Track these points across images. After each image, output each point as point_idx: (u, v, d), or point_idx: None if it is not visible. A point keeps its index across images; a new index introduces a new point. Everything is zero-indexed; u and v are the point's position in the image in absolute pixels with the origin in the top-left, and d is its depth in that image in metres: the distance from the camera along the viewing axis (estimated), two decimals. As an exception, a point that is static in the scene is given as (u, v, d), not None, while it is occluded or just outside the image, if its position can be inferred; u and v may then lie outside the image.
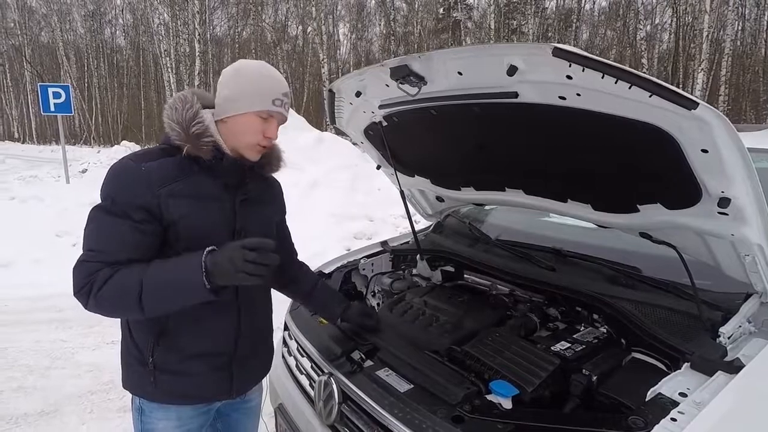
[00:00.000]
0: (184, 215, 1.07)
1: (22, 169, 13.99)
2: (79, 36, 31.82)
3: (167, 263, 1.03)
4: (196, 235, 1.08)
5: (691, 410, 0.97)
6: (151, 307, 1.00)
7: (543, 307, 1.66)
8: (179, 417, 1.18)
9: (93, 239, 1.04)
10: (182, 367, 1.13)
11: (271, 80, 1.13)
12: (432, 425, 1.07)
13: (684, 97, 0.87)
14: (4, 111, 36.57)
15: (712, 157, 0.97)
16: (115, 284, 0.99)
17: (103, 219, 1.04)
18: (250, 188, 1.20)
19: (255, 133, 1.12)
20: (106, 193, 1.06)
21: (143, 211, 1.04)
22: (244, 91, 1.11)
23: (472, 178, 1.88)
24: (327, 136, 8.91)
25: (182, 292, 1.00)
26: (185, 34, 20.34)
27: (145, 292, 0.98)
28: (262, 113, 1.12)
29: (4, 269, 4.78)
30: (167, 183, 1.06)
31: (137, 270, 1.01)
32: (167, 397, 1.16)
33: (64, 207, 5.88)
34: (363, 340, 1.48)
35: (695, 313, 1.31)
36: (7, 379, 2.80)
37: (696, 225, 1.21)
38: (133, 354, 1.15)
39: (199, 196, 1.10)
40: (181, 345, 1.12)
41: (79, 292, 1.01)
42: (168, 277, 1.00)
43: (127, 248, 1.03)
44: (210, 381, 1.18)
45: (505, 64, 1.08)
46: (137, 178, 1.05)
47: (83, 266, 1.02)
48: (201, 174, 1.11)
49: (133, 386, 1.19)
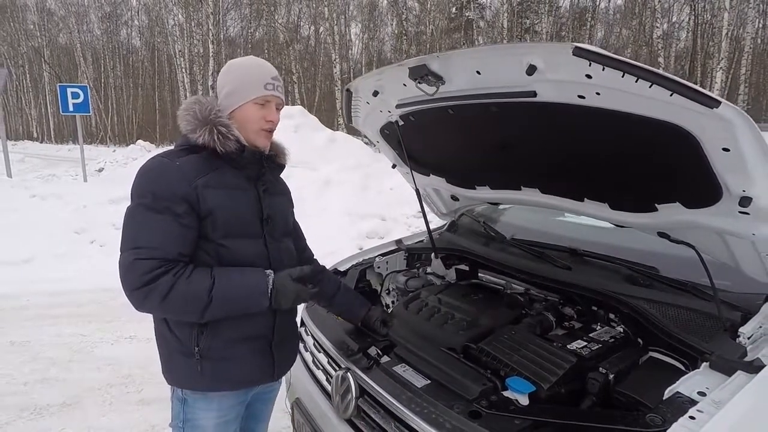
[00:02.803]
0: (220, 205, 1.13)
1: (41, 168, 14.32)
2: (96, 37, 32.38)
3: (232, 280, 1.11)
4: (232, 223, 1.16)
5: (710, 409, 0.97)
6: (211, 316, 1.11)
7: (559, 306, 1.66)
8: (220, 407, 1.23)
9: (139, 236, 1.07)
10: (228, 353, 1.18)
11: (259, 68, 1.22)
12: (449, 420, 1.08)
13: (706, 95, 0.87)
14: (24, 111, 37.36)
15: (734, 156, 0.96)
16: (182, 294, 1.06)
17: (145, 215, 1.08)
18: (267, 179, 1.28)
19: (257, 119, 1.21)
20: (143, 190, 1.10)
21: (184, 203, 1.09)
22: (238, 83, 1.20)
23: (488, 177, 1.88)
24: (339, 136, 8.96)
25: (246, 309, 1.14)
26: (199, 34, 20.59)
27: (212, 306, 1.08)
28: (258, 99, 1.20)
29: (26, 265, 4.90)
30: (201, 174, 1.12)
31: (200, 280, 1.07)
32: (215, 384, 1.19)
33: (83, 205, 6.00)
34: (379, 335, 1.50)
35: (714, 313, 1.30)
36: (31, 371, 2.87)
37: (716, 224, 1.21)
38: (174, 347, 1.18)
39: (229, 186, 1.17)
40: (225, 331, 1.17)
41: (136, 290, 1.04)
42: (235, 296, 1.11)
43: (175, 242, 1.08)
44: (254, 364, 1.23)
45: (525, 63, 1.09)
46: (173, 171, 1.10)
47: (136, 264, 1.04)
48: (225, 168, 1.18)
49: (179, 379, 1.21)
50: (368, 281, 2.14)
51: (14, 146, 28.96)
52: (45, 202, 6.21)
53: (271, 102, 1.22)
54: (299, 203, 1.46)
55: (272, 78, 1.22)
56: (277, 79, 1.23)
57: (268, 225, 1.24)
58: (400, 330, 1.55)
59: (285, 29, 24.10)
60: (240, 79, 1.20)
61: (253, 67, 1.23)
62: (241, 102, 1.20)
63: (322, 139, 8.71)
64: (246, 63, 1.24)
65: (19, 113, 38.24)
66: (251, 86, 1.20)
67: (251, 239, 1.21)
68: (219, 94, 1.22)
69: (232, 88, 1.20)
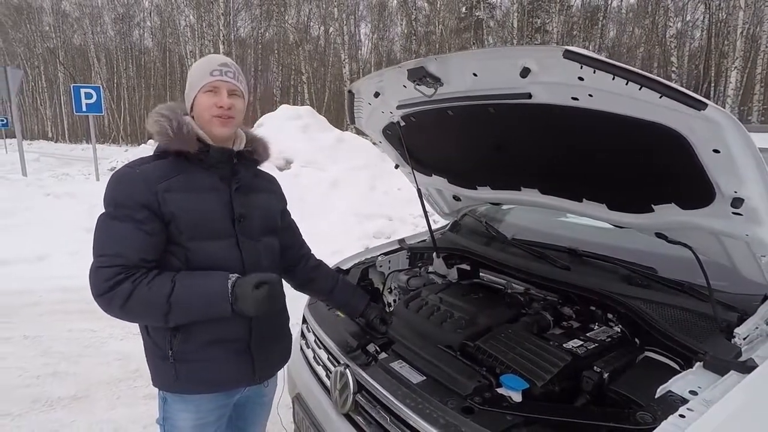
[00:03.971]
0: (183, 208, 1.13)
1: (55, 167, 14.59)
2: (109, 38, 32.90)
3: (192, 286, 1.10)
4: (197, 225, 1.15)
5: (700, 407, 0.98)
6: (174, 321, 1.11)
7: (557, 305, 1.67)
8: (197, 410, 1.23)
9: (102, 244, 1.10)
10: (201, 355, 1.18)
11: (208, 60, 1.24)
12: (443, 415, 1.10)
13: (693, 98, 0.88)
14: (39, 111, 38.06)
15: (724, 158, 0.97)
16: (142, 300, 1.07)
17: (108, 224, 1.11)
18: (241, 176, 1.26)
19: (209, 107, 1.20)
20: (108, 199, 1.13)
21: (144, 210, 1.10)
22: (191, 78, 1.24)
23: (488, 178, 1.90)
24: (347, 136, 8.99)
25: (208, 314, 1.13)
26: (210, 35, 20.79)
27: (173, 312, 1.08)
28: (206, 87, 1.20)
29: (41, 262, 5.01)
30: (162, 180, 1.13)
31: (160, 286, 1.08)
32: (190, 386, 1.20)
33: (94, 203, 6.11)
34: (378, 333, 1.53)
35: (711, 314, 1.31)
36: (43, 365, 2.95)
37: (711, 225, 1.22)
38: (152, 350, 1.20)
39: (195, 189, 1.17)
40: (198, 334, 1.17)
41: (100, 296, 1.07)
42: (195, 302, 1.10)
43: (135, 249, 1.09)
44: (231, 365, 1.22)
45: (519, 65, 1.11)
46: (134, 179, 1.12)
47: (99, 272, 1.07)
48: (195, 169, 1.19)
49: (159, 381, 1.23)
50: (370, 280, 2.17)
51: (30, 146, 29.55)
52: (59, 201, 6.34)
53: (221, 87, 1.20)
54: (306, 203, 1.50)
55: (219, 65, 1.21)
56: (226, 65, 1.22)
57: (240, 224, 1.21)
58: (399, 328, 1.58)
59: (295, 30, 24.25)
60: (192, 75, 1.24)
61: (203, 61, 1.26)
62: (193, 94, 1.22)
63: (331, 139, 8.74)
64: (201, 59, 1.28)
65: (34, 113, 38.98)
66: (199, 77, 1.21)
67: (220, 240, 1.19)
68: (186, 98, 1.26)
69: (188, 83, 1.24)
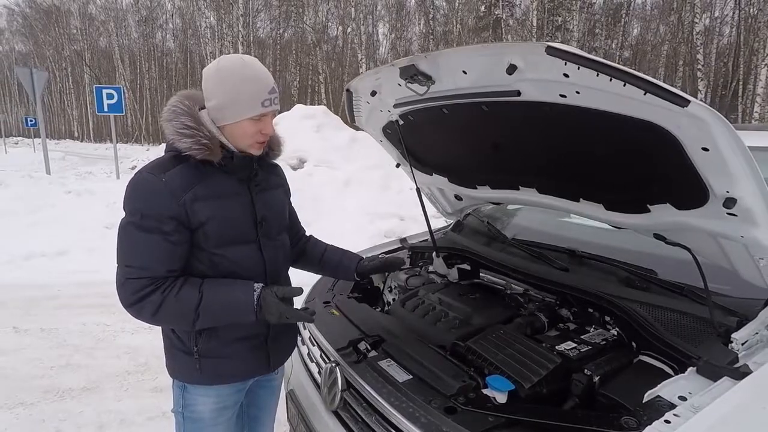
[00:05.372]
0: (211, 216, 1.14)
1: (79, 165, 15.03)
2: (133, 40, 33.73)
3: (219, 296, 1.13)
4: (224, 232, 1.16)
5: (687, 413, 0.95)
6: (201, 326, 1.15)
7: (555, 307, 1.65)
8: (218, 395, 1.28)
9: (128, 255, 1.11)
10: (225, 351, 1.22)
11: (255, 84, 1.13)
12: (425, 414, 1.09)
13: (676, 94, 0.85)
14: (66, 111, 39.26)
15: (714, 156, 0.94)
16: (171, 311, 1.10)
17: (134, 234, 1.10)
18: (260, 178, 1.27)
19: (252, 135, 1.16)
20: (133, 208, 1.11)
21: (173, 221, 1.10)
22: (232, 100, 1.12)
23: (487, 177, 1.88)
24: (361, 135, 9.00)
25: (235, 321, 1.17)
26: (230, 36, 21.09)
27: (200, 320, 1.12)
28: (255, 117, 1.14)
29: (61, 257, 5.17)
30: (188, 189, 1.11)
31: (188, 297, 1.10)
32: (212, 380, 1.25)
33: (113, 201, 6.27)
34: (370, 331, 1.53)
35: (709, 317, 1.27)
36: (58, 357, 3.05)
37: (706, 226, 1.18)
38: (177, 345, 1.24)
39: (220, 195, 1.16)
40: (223, 332, 1.21)
41: (129, 306, 1.11)
42: (222, 311, 1.14)
43: (163, 261, 1.10)
44: (250, 360, 1.28)
45: (505, 62, 1.09)
46: (160, 190, 1.09)
47: (128, 284, 1.09)
48: (216, 174, 1.17)
49: (181, 374, 1.27)
50: (370, 278, 2.17)
51: (57, 145, 30.57)
52: (79, 198, 6.53)
53: (268, 116, 1.17)
54: (319, 202, 1.51)
55: (269, 92, 1.14)
56: (274, 91, 1.16)
57: (262, 227, 1.24)
58: (393, 326, 1.57)
59: (313, 30, 24.43)
60: (233, 95, 1.11)
61: (248, 81, 1.12)
62: (235, 120, 1.14)
63: (344, 139, 8.77)
64: (239, 74, 1.12)
65: (62, 114, 40.26)
66: (247, 105, 1.12)
67: (245, 244, 1.22)
68: (207, 100, 1.16)
69: (224, 102, 1.12)
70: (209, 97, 1.15)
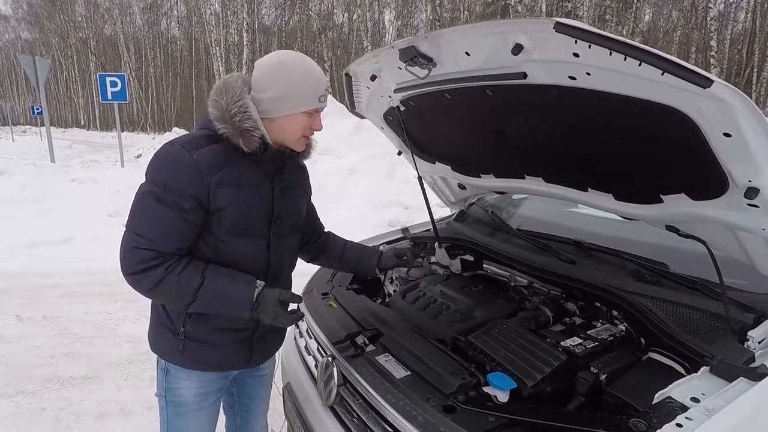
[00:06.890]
0: (230, 203, 1.12)
1: (85, 154, 15.04)
2: (138, 28, 33.59)
3: (220, 285, 1.12)
4: (238, 222, 1.15)
5: (701, 417, 0.90)
6: (194, 310, 1.14)
7: (560, 301, 1.59)
8: (201, 380, 1.27)
9: (141, 223, 1.09)
10: (210, 338, 1.21)
11: (315, 79, 1.16)
12: (422, 413, 1.05)
13: (697, 73, 0.78)
14: (72, 99, 39.34)
15: (736, 142, 0.87)
16: (170, 289, 1.09)
17: (152, 205, 1.08)
18: (286, 176, 1.25)
19: (303, 129, 1.18)
20: (156, 178, 1.09)
21: (193, 200, 1.08)
22: (292, 92, 1.14)
23: (492, 165, 1.81)
24: (366, 124, 8.89)
25: (227, 313, 1.17)
26: (234, 23, 20.93)
27: (196, 303, 1.11)
28: (310, 111, 1.17)
29: (65, 245, 5.17)
30: (216, 171, 1.10)
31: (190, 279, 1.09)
32: (192, 364, 1.24)
33: (117, 189, 6.27)
34: (368, 325, 1.48)
35: (723, 314, 1.20)
36: (59, 345, 3.05)
37: (724, 218, 1.11)
38: (164, 323, 1.23)
39: (243, 185, 1.15)
40: (212, 319, 1.20)
41: (129, 275, 1.08)
42: (218, 301, 1.13)
43: (174, 238, 1.09)
44: (232, 352, 1.26)
45: (510, 42, 1.02)
46: (189, 166, 1.07)
47: (134, 252, 1.07)
48: (245, 162, 1.15)
49: (162, 351, 1.26)
50: (371, 269, 2.12)
51: (64, 133, 30.68)
52: (83, 186, 6.54)
53: (319, 111, 1.20)
54: (323, 191, 1.46)
55: (325, 89, 1.18)
56: (328, 89, 1.21)
57: (276, 225, 1.23)
58: (393, 319, 1.52)
59: (318, 17, 24.13)
60: (293, 89, 1.14)
61: (309, 75, 1.15)
62: (291, 112, 1.15)
63: (349, 127, 8.67)
64: (302, 69, 1.15)
65: (68, 102, 40.34)
66: (306, 98, 1.15)
67: (254, 239, 1.20)
68: (261, 91, 1.14)
69: (283, 93, 1.14)
70: (264, 87, 1.14)
